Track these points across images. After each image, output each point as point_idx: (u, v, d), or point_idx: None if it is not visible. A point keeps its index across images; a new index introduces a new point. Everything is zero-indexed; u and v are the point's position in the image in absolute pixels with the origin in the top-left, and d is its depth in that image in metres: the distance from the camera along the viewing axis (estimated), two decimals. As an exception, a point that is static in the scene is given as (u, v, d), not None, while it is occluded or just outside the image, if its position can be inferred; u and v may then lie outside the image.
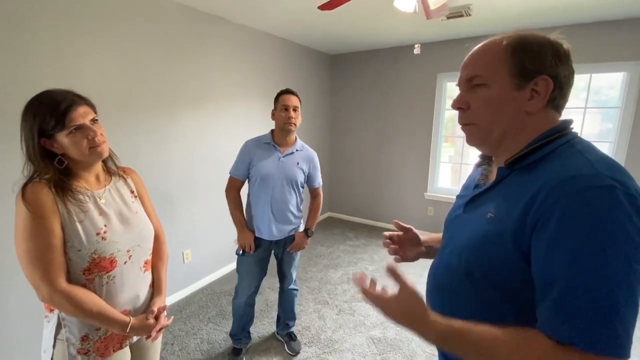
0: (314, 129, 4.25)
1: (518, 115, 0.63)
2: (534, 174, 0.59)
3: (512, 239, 0.56)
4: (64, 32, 1.83)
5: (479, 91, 0.65)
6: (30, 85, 1.72)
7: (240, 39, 2.97)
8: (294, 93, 1.82)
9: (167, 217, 2.53)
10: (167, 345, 2.14)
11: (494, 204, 0.63)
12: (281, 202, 1.82)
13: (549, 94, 0.61)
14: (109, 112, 2.09)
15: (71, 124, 0.88)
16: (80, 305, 0.88)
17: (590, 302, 0.47)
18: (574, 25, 2.91)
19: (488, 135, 0.66)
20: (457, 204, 0.80)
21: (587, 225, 0.48)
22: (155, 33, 2.29)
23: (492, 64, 0.63)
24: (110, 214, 0.99)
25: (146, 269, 1.10)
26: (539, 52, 0.61)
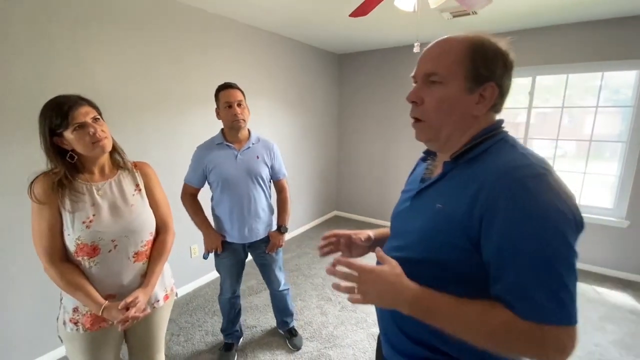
0: (322, 128, 4.29)
1: (465, 117, 0.67)
2: (475, 167, 0.64)
3: (461, 227, 0.61)
4: (79, 36, 1.92)
5: (435, 88, 0.67)
6: (50, 88, 1.82)
7: (248, 39, 3.02)
8: (234, 86, 1.70)
9: (175, 213, 2.60)
10: (173, 336, 2.21)
11: (442, 196, 0.68)
12: (250, 201, 1.74)
13: (493, 100, 0.66)
14: (121, 111, 2.18)
15: (74, 122, 1.01)
16: (65, 281, 1.04)
17: (540, 282, 0.54)
18: (584, 22, 2.85)
19: (437, 133, 0.70)
20: (403, 198, 0.84)
21: (529, 211, 0.55)
22: (165, 34, 2.36)
23: (451, 65, 0.65)
24: (102, 205, 1.10)
25: (137, 259, 1.17)
26: (492, 60, 0.64)
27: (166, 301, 1.30)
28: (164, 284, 1.30)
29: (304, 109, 3.92)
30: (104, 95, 2.07)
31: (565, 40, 2.95)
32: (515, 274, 0.55)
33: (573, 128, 3.51)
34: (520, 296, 0.55)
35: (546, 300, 0.54)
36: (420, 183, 0.79)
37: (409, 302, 0.62)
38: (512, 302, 0.56)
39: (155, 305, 1.24)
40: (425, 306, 0.61)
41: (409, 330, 0.72)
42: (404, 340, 0.74)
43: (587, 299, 2.67)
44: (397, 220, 0.83)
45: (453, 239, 0.62)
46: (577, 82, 3.12)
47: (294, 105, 3.73)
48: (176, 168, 2.57)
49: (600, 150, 3.20)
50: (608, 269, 3.07)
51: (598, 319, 2.42)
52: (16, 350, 1.84)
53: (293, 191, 3.63)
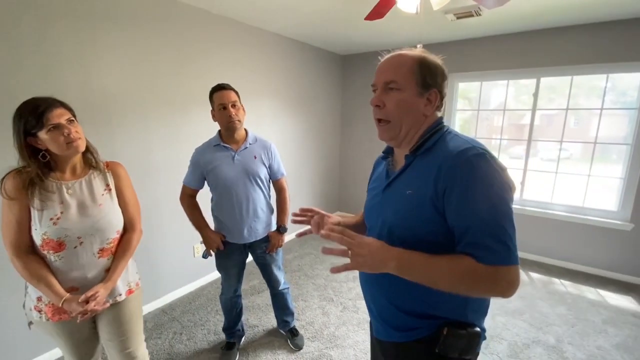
0: (324, 128, 4.30)
1: (418, 116, 0.84)
2: (431, 155, 0.80)
3: (431, 204, 0.76)
4: (84, 37, 1.94)
5: (392, 94, 0.83)
6: (56, 87, 1.84)
7: (252, 40, 3.04)
8: (227, 87, 1.69)
9: (178, 213, 2.62)
10: (175, 335, 2.23)
11: (409, 184, 0.82)
12: (249, 202, 1.75)
13: (437, 102, 0.84)
14: (125, 112, 2.20)
15: (49, 123, 1.06)
16: (29, 272, 1.11)
17: (492, 234, 0.70)
18: (589, 24, 2.84)
19: (398, 131, 0.85)
20: (373, 194, 0.98)
21: (478, 182, 0.72)
22: (170, 35, 2.38)
23: (406, 74, 0.82)
24: (70, 203, 1.15)
25: (102, 255, 1.23)
26: (434, 71, 0.82)
27: (129, 295, 1.33)
28: (128, 279, 1.34)
29: (307, 110, 3.93)
30: (108, 96, 2.10)
31: (570, 41, 2.94)
32: (475, 230, 0.71)
33: (578, 130, 3.50)
34: (479, 246, 0.71)
35: (498, 247, 0.70)
36: (386, 178, 0.93)
37: (396, 257, 0.74)
38: (473, 252, 0.71)
39: (117, 299, 1.28)
40: (407, 260, 0.74)
41: (403, 305, 0.86)
42: (399, 315, 0.86)
43: (589, 302, 2.66)
44: (372, 213, 0.96)
45: (425, 215, 0.77)
46: (582, 83, 3.10)
47: (297, 105, 3.75)
48: (179, 168, 2.59)
49: (605, 153, 3.18)
50: (612, 272, 3.05)
51: (601, 322, 2.40)
52: (16, 349, 1.86)
53: (295, 191, 3.65)
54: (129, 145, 2.24)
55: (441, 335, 0.80)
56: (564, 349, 2.12)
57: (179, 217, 2.62)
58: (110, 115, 2.12)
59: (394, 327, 0.88)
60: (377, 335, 0.97)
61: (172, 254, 2.63)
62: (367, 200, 1.02)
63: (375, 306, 0.93)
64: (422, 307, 0.83)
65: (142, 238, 1.39)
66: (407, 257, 0.75)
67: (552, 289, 2.87)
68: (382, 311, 0.91)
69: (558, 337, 2.23)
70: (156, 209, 2.47)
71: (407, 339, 0.86)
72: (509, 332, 2.28)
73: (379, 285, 0.90)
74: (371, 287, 0.94)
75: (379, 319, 0.93)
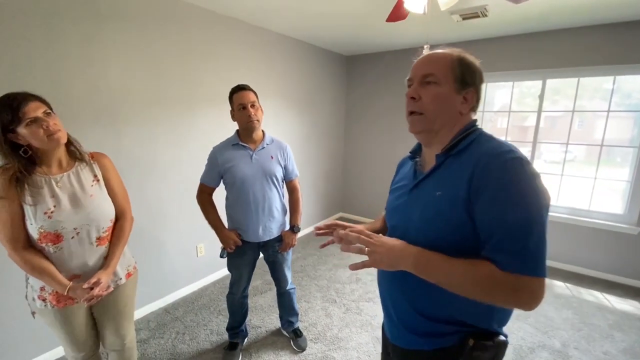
0: (328, 129, 4.29)
1: (454, 113, 0.82)
2: (464, 157, 0.77)
3: (462, 205, 0.72)
4: (91, 36, 1.95)
5: (430, 87, 0.81)
6: (63, 86, 1.85)
7: (256, 40, 3.04)
8: (247, 88, 1.73)
9: (182, 212, 2.63)
10: (178, 335, 2.22)
11: (440, 185, 0.79)
12: (264, 200, 1.77)
13: (473, 102, 0.82)
14: (132, 111, 2.20)
15: (25, 117, 1.05)
16: (30, 266, 1.13)
17: (520, 240, 0.66)
18: (595, 25, 2.82)
19: (431, 124, 0.82)
20: (398, 194, 0.95)
21: (512, 186, 0.68)
22: (176, 35, 2.38)
23: (445, 69, 0.80)
24: (62, 196, 1.17)
25: (99, 243, 1.27)
26: (473, 70, 0.82)
27: (129, 278, 1.41)
28: (125, 264, 1.40)
29: (311, 110, 3.92)
30: (114, 95, 2.10)
31: (578, 43, 2.92)
32: (501, 234, 0.68)
33: (583, 132, 3.47)
34: (503, 251, 0.67)
35: (523, 255, 0.66)
36: (413, 179, 0.90)
37: (414, 254, 0.74)
38: (495, 258, 0.68)
39: (118, 282, 1.35)
40: (425, 258, 0.73)
41: (425, 309, 0.82)
42: (421, 320, 0.83)
43: (596, 307, 2.63)
44: (396, 214, 0.93)
45: (454, 217, 0.74)
46: (586, 85, 3.08)
47: (301, 106, 3.74)
48: (185, 168, 2.60)
49: (611, 156, 3.15)
50: (618, 276, 3.02)
51: (607, 326, 2.38)
52: (15, 349, 1.86)
53: (299, 192, 3.64)
54: (134, 145, 2.24)
55: (466, 346, 0.76)
56: (569, 354, 2.09)
57: (183, 217, 2.63)
58: (116, 114, 2.12)
59: (415, 332, 0.85)
60: (393, 341, 0.92)
61: (176, 254, 2.63)
62: (390, 201, 1.00)
63: (395, 310, 0.90)
64: (446, 312, 0.80)
65: (145, 237, 1.41)
66: (425, 255, 0.73)
67: (557, 293, 2.84)
68: (402, 315, 0.88)
69: (564, 342, 2.21)
70: (160, 209, 2.47)
71: (428, 347, 0.83)
72: (514, 336, 2.25)
73: (400, 288, 0.87)
74: (391, 289, 0.91)
75: (399, 323, 0.89)
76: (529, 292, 0.66)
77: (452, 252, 0.72)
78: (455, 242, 0.74)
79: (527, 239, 0.66)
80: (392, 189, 1.03)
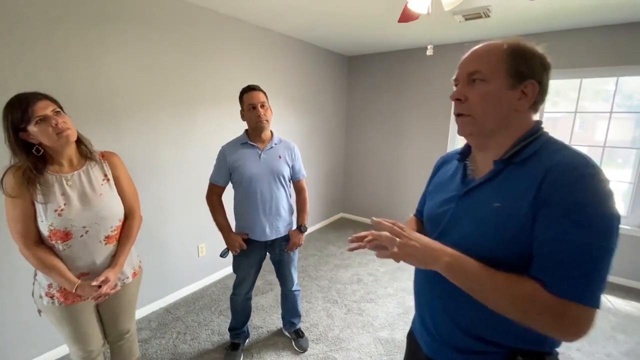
0: (329, 130, 4.29)
1: (508, 112, 0.71)
2: (530, 166, 0.68)
3: (525, 222, 0.65)
4: (93, 36, 1.95)
5: (477, 86, 0.72)
6: (64, 86, 1.85)
7: (258, 41, 3.04)
8: (257, 88, 1.75)
9: (183, 212, 2.63)
10: (179, 335, 2.22)
11: (499, 195, 0.71)
12: (271, 199, 1.79)
13: (534, 96, 0.70)
14: (133, 111, 2.20)
15: (35, 115, 1.07)
16: (40, 262, 1.15)
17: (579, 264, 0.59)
18: (598, 26, 2.81)
19: (481, 127, 0.74)
20: (442, 200, 0.86)
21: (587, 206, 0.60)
22: (178, 34, 2.38)
23: (493, 63, 0.71)
24: (72, 195, 1.19)
25: (108, 242, 1.28)
26: (531, 59, 0.70)
27: (134, 278, 1.43)
28: (132, 263, 1.42)
29: (312, 111, 3.92)
30: (116, 95, 2.10)
31: (580, 44, 2.91)
32: (562, 255, 0.60)
33: (582, 134, 3.46)
34: (556, 271, 0.60)
35: (579, 279, 0.59)
36: (462, 184, 0.81)
37: (449, 257, 0.68)
38: (543, 277, 0.61)
39: (125, 281, 1.37)
40: (460, 265, 0.67)
41: (464, 325, 0.76)
42: (459, 335, 0.77)
43: (598, 308, 2.62)
44: (440, 220, 0.83)
45: (511, 232, 0.66)
46: (587, 86, 3.07)
47: (302, 106, 3.74)
48: (186, 168, 2.60)
49: (612, 157, 3.14)
50: (621, 278, 3.01)
51: (610, 328, 2.37)
52: (15, 349, 1.85)
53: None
54: (135, 144, 2.24)
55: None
56: (572, 356, 2.08)
57: (184, 217, 2.63)
58: (117, 113, 2.12)
59: (454, 347, 0.78)
60: (428, 352, 0.86)
61: (177, 253, 2.63)
62: (431, 207, 0.90)
63: (433, 321, 0.84)
64: (489, 332, 0.73)
65: (146, 237, 1.42)
66: (463, 259, 0.67)
67: (559, 294, 2.83)
68: (439, 327, 0.82)
69: (566, 343, 2.19)
70: (161, 208, 2.46)
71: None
72: (516, 337, 2.24)
73: (439, 298, 0.81)
74: (430, 298, 0.84)
75: (436, 335, 0.83)
76: (575, 321, 0.59)
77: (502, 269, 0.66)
78: (508, 259, 0.67)
79: (592, 266, 0.59)
80: (430, 190, 0.95)
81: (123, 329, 1.44)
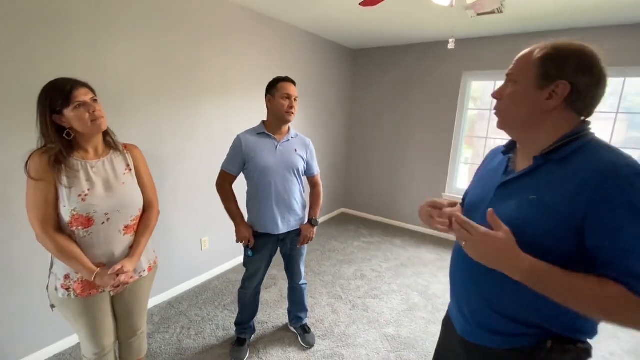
0: (333, 124, 4.24)
1: (535, 110, 0.76)
2: (571, 165, 0.71)
3: (562, 218, 0.68)
4: (97, 22, 1.86)
5: (509, 86, 0.81)
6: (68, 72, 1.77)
7: (266, 31, 2.97)
8: (294, 82, 1.77)
9: (187, 205, 2.57)
10: (183, 330, 2.18)
11: (535, 189, 0.75)
12: (285, 192, 1.77)
13: (564, 96, 0.73)
14: (138, 99, 2.13)
15: (75, 101, 1.10)
16: (59, 249, 1.12)
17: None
18: (610, 26, 2.80)
19: (509, 122, 0.83)
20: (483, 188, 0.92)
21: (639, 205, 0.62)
22: (184, 22, 2.31)
23: (523, 65, 0.78)
24: (96, 181, 1.19)
25: (126, 232, 1.27)
26: (564, 60, 0.72)
27: (150, 272, 1.41)
28: (148, 256, 1.40)
29: (316, 103, 3.86)
30: (120, 81, 2.03)
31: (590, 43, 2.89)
32: (633, 260, 0.63)
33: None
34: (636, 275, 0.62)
35: None
36: (503, 175, 0.87)
37: (525, 270, 0.68)
38: (629, 282, 0.63)
39: (141, 274, 1.36)
40: (539, 276, 0.68)
41: (506, 311, 0.79)
42: (497, 319, 0.80)
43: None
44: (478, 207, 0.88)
45: (549, 228, 0.70)
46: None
47: (306, 98, 3.67)
48: (190, 159, 2.54)
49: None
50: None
51: (612, 327, 2.39)
52: (15, 345, 1.81)
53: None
54: (139, 133, 2.17)
55: (543, 348, 0.74)
56: (576, 354, 2.10)
57: (188, 209, 2.58)
58: (121, 100, 2.05)
59: (488, 330, 0.83)
60: (463, 334, 0.90)
61: (180, 246, 2.58)
62: (473, 193, 0.97)
63: (469, 307, 0.88)
64: (528, 314, 0.77)
65: None
66: (541, 267, 0.67)
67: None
68: (476, 311, 0.85)
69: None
70: (164, 200, 2.39)
71: (501, 346, 0.81)
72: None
73: (479, 287, 0.84)
74: (467, 284, 0.88)
75: (472, 320, 0.87)
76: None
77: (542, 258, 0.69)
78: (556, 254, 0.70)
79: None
80: (475, 179, 1.02)
81: (136, 326, 1.41)
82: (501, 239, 0.70)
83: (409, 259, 3.39)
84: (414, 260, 3.35)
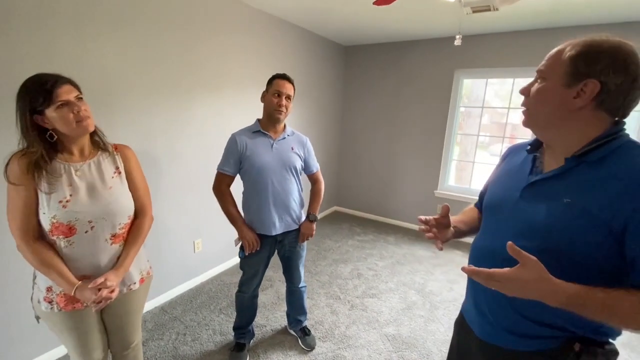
0: (324, 121, 4.19)
1: (560, 108, 0.73)
2: (606, 168, 0.69)
3: (600, 223, 0.65)
4: (85, 16, 1.75)
5: (538, 82, 0.78)
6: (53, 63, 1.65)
7: (257, 25, 2.88)
8: (289, 80, 1.71)
9: (179, 206, 2.48)
10: (179, 336, 2.10)
11: (570, 191, 0.71)
12: (282, 191, 1.73)
13: (593, 96, 0.69)
14: (127, 96, 2.02)
15: (57, 100, 0.99)
16: (39, 260, 1.03)
17: None
18: (603, 24, 2.84)
19: (534, 120, 0.80)
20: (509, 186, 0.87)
21: None
22: (174, 15, 2.20)
23: (553, 62, 0.75)
24: (79, 185, 1.08)
25: (114, 241, 1.16)
26: (595, 58, 0.68)
27: (142, 284, 1.30)
28: (140, 267, 1.29)
29: (307, 101, 3.80)
30: (108, 76, 1.92)
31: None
32: None
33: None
34: None
35: None
36: (529, 175, 0.83)
37: (563, 302, 0.65)
38: None
39: (131, 287, 1.24)
40: (578, 303, 0.64)
41: (530, 314, 0.77)
42: (521, 321, 0.78)
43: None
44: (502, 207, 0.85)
45: (587, 234, 0.67)
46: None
47: (297, 96, 3.61)
48: (182, 159, 2.45)
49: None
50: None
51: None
52: (15, 349, 1.71)
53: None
54: (129, 131, 2.07)
55: (571, 351, 0.72)
56: (573, 348, 2.14)
57: (180, 210, 2.49)
58: (109, 97, 1.94)
59: (513, 332, 0.80)
60: (482, 336, 0.88)
61: (172, 249, 2.48)
62: (493, 192, 0.94)
63: (488, 304, 0.85)
64: (553, 317, 0.74)
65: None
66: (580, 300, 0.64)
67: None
68: (499, 315, 0.83)
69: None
70: (156, 201, 2.29)
71: (525, 348, 0.78)
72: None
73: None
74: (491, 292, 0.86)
75: (494, 322, 0.84)
76: None
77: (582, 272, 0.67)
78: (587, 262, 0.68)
79: None
80: (494, 179, 0.97)
81: (128, 339, 1.32)
82: (530, 280, 0.65)
83: (404, 256, 3.39)
84: (408, 258, 3.35)
